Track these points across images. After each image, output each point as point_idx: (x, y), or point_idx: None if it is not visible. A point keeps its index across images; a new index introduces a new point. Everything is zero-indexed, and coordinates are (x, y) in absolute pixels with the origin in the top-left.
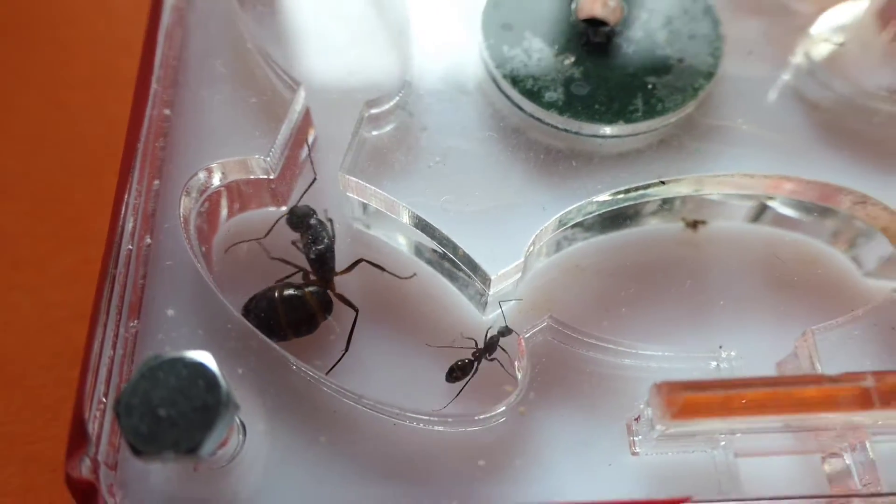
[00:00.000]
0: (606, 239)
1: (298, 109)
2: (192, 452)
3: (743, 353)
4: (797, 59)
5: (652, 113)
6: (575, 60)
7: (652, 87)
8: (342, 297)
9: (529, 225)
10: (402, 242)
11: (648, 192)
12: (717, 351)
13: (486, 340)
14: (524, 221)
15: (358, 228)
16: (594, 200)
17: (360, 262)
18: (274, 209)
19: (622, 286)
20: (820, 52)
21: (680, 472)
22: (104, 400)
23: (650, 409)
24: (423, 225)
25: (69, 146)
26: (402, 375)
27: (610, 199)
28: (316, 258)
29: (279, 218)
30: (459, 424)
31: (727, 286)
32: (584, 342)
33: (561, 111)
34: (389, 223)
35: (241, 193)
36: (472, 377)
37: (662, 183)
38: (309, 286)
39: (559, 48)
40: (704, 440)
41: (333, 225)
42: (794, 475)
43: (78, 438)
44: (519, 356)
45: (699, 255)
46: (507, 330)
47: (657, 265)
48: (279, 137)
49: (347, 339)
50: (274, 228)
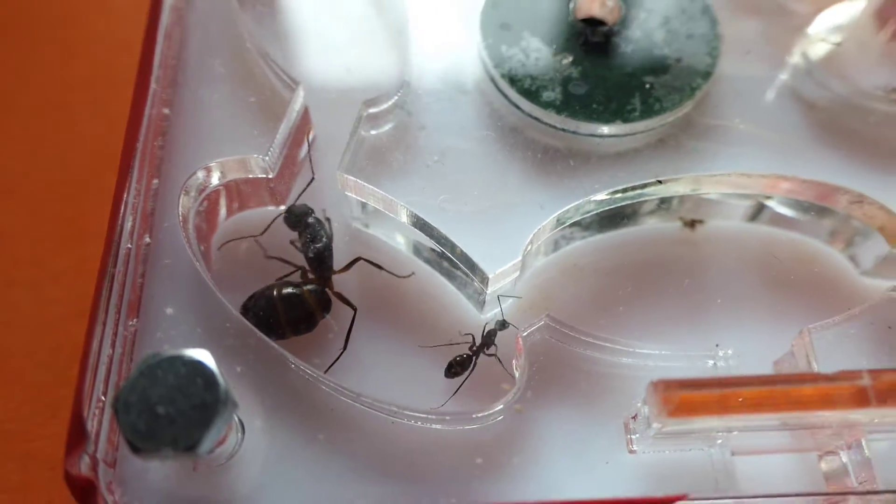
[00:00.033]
0: (604, 238)
1: (297, 109)
2: (190, 450)
3: (740, 351)
4: (794, 58)
5: (650, 112)
6: (573, 60)
7: (650, 86)
8: (340, 295)
9: (527, 224)
10: (400, 241)
11: (646, 191)
12: (714, 349)
13: (483, 335)
14: (522, 220)
15: (357, 227)
16: (592, 199)
17: (358, 260)
18: (273, 208)
19: (620, 285)
20: (817, 51)
21: (677, 470)
22: (103, 398)
23: (647, 407)
24: (421, 224)
25: (69, 146)
26: (400, 374)
27: (608, 198)
28: (314, 257)
29: (277, 216)
30: (457, 422)
31: (724, 285)
32: (581, 341)
33: (559, 110)
34: (388, 222)
35: (239, 192)
36: (471, 373)
37: (660, 182)
38: (307, 285)
39: (557, 48)
40: (701, 438)
41: (331, 224)
42: (790, 473)
43: (77, 436)
44: (517, 355)
45: (697, 254)
46: (504, 324)
47: (655, 264)
48: (278, 136)
49: (346, 337)
50: (273, 228)
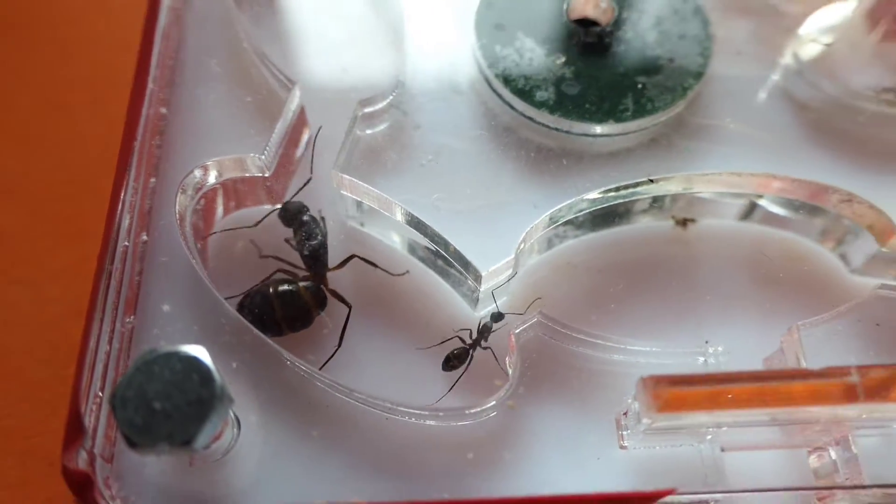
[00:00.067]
0: (597, 236)
1: (293, 108)
2: (186, 445)
3: (730, 348)
4: (786, 59)
5: (642, 112)
6: (566, 60)
7: (642, 86)
8: (335, 293)
9: (520, 222)
10: (395, 240)
11: (638, 190)
12: (704, 346)
13: (479, 328)
14: (515, 219)
15: (352, 226)
16: (585, 198)
17: (352, 258)
18: (269, 207)
19: (612, 283)
20: (808, 52)
21: (667, 465)
22: (100, 394)
23: (637, 403)
24: (415, 222)
25: (69, 146)
26: (394, 370)
27: (600, 196)
28: (309, 254)
29: (271, 211)
30: (450, 418)
31: (716, 283)
32: (573, 338)
33: (552, 110)
34: (383, 221)
35: (236, 191)
36: (468, 367)
37: (652, 181)
38: (303, 281)
39: (551, 48)
40: (691, 434)
41: (326, 222)
42: (779, 470)
43: (74, 431)
44: (509, 351)
45: (688, 252)
46: (499, 316)
47: (647, 262)
48: (274, 136)
49: (340, 334)
50: (269, 227)
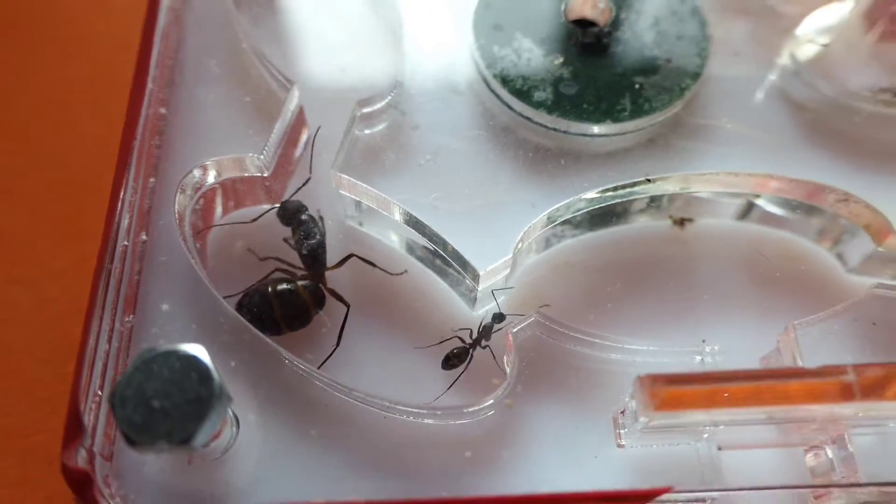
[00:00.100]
0: (595, 236)
1: (292, 108)
2: (185, 443)
3: (727, 347)
4: (783, 59)
5: (639, 112)
6: (564, 61)
7: (640, 86)
8: (334, 292)
9: (518, 222)
10: (394, 239)
11: (636, 189)
12: (701, 345)
13: (480, 329)
14: (513, 219)
15: (351, 225)
16: (582, 198)
17: (350, 257)
18: (268, 206)
19: (609, 282)
20: (805, 52)
21: (664, 463)
22: (100, 392)
23: (634, 401)
24: (413, 222)
25: (69, 146)
26: (392, 369)
27: (598, 196)
28: (308, 253)
29: (269, 209)
30: (448, 417)
31: (713, 282)
32: (571, 337)
33: (550, 110)
34: (382, 220)
35: (235, 191)
36: (468, 365)
37: (649, 181)
38: (301, 280)
39: (549, 48)
40: (688, 432)
41: (324, 222)
42: (775, 468)
43: (74, 429)
44: (507, 350)
45: (686, 251)
46: (500, 316)
47: (644, 262)
48: (273, 136)
49: (339, 333)
50: (267, 227)
